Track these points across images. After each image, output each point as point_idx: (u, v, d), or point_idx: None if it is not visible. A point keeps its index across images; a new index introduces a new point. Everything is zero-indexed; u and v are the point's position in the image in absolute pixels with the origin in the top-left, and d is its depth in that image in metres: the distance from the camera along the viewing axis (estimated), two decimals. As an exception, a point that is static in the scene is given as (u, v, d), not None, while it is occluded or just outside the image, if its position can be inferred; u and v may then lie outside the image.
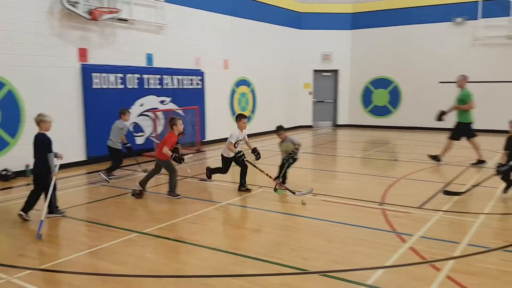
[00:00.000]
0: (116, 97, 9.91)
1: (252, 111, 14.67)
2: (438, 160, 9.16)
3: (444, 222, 5.29)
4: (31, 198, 5.57)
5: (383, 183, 7.40)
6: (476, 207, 5.84)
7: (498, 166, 5.79)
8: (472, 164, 8.86)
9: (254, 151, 6.90)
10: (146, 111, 10.75)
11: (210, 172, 7.52)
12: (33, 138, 5.58)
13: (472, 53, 14.62)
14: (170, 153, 6.55)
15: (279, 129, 7.36)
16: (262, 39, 14.81)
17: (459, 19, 14.69)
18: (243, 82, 14.14)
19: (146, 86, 10.68)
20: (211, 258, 4.35)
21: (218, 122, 13.03)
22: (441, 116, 9.28)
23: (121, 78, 10.07)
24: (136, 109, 10.48)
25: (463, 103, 8.93)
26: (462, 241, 4.63)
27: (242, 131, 7.04)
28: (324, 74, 17.27)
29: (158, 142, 10.77)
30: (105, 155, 8.47)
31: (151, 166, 7.72)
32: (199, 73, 12.25)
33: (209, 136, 12.69)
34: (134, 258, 4.35)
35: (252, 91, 14.60)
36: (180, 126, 6.79)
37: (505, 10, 13.82)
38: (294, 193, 6.43)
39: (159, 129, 11.04)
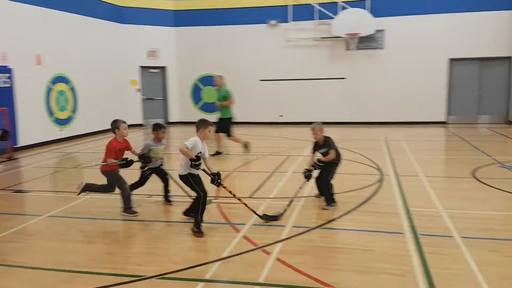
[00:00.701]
0: None
1: (73, 111, 13.48)
2: (220, 154, 9.73)
3: (271, 208, 5.68)
4: None
5: (215, 177, 7.60)
6: (295, 191, 6.42)
7: (305, 172, 5.71)
8: (212, 155, 9.52)
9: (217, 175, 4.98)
10: None
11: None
12: None
13: (286, 54, 16.12)
14: (113, 161, 5.47)
15: (161, 127, 5.96)
16: (81, 33, 13.70)
17: (273, 22, 16.03)
18: (60, 79, 12.86)
19: None
20: (36, 279, 3.84)
21: (33, 125, 11.61)
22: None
23: None
24: None
25: (225, 100, 9.81)
26: (288, 224, 5.07)
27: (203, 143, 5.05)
28: (152, 70, 16.93)
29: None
30: None
31: None
32: (6, 70, 10.68)
33: (22, 141, 11.20)
34: None
35: (72, 89, 13.41)
36: (123, 130, 5.62)
37: (311, 14, 15.62)
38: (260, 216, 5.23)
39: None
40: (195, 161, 4.82)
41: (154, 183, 6.15)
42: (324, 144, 5.74)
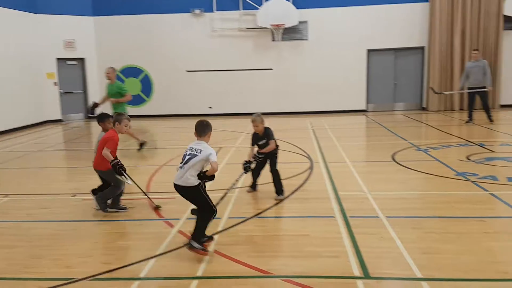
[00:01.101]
0: None
1: (-17, 108, 12.35)
2: (145, 142, 9.34)
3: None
4: None
5: (146, 172, 7.39)
6: (229, 183, 6.41)
7: (245, 164, 5.59)
8: (138, 149, 9.43)
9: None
10: None
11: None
12: None
13: (212, 43, 15.94)
14: (111, 156, 4.94)
15: (108, 117, 5.75)
16: (-14, 21, 12.53)
17: (197, 11, 15.75)
18: (-35, 73, 11.70)
19: None
20: None
21: None
22: (93, 108, 9.41)
23: None
24: None
25: (120, 95, 9.34)
26: (224, 216, 5.06)
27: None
28: (69, 62, 15.93)
29: None
30: None
31: None
32: None
33: None
34: None
35: (-20, 84, 12.27)
36: (124, 126, 5.17)
37: (235, 4, 15.58)
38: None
39: None
40: (213, 178, 4.20)
41: (79, 182, 5.84)
42: (263, 135, 5.76)
